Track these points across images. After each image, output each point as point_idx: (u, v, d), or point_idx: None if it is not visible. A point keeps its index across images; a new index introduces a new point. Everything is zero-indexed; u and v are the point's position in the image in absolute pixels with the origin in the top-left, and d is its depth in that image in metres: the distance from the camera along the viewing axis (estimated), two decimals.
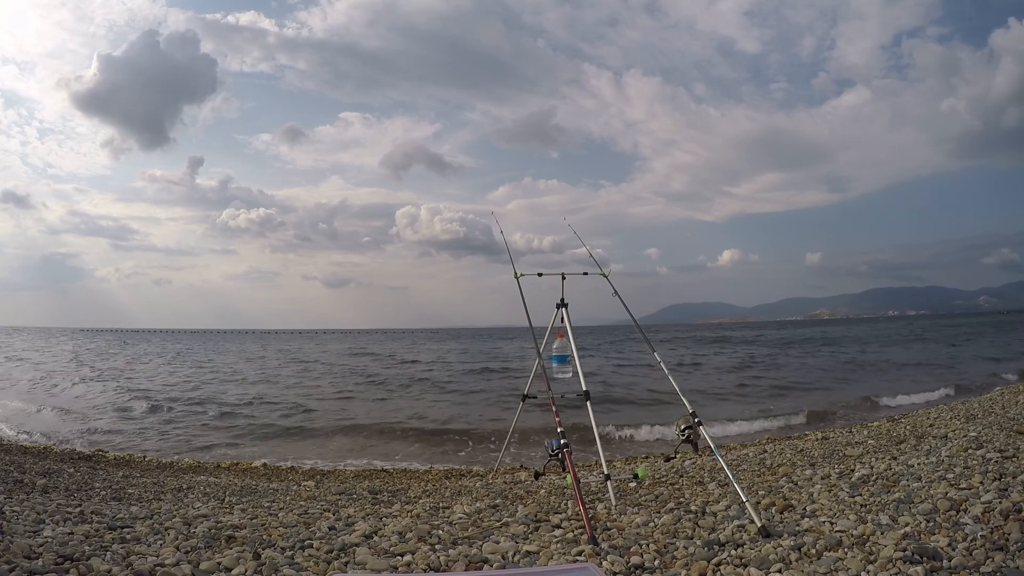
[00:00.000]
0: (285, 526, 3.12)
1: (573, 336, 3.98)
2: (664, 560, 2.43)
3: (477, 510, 3.50)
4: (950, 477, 3.17)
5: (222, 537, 2.81)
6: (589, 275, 4.21)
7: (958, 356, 20.42)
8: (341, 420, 10.21)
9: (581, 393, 3.78)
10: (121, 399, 12.78)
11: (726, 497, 3.39)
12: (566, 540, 2.75)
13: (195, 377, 18.09)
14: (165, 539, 2.74)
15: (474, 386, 15.31)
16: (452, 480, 5.48)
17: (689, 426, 3.48)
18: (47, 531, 2.74)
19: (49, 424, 9.85)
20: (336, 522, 3.23)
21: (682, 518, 3.03)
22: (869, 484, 3.33)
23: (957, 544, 2.24)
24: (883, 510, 2.78)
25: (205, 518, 3.28)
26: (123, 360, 25.64)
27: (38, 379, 17.13)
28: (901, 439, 4.97)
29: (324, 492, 4.61)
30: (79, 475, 5.06)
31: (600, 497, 3.66)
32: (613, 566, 2.36)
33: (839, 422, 8.73)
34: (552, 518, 3.17)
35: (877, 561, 2.18)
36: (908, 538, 2.34)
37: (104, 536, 2.74)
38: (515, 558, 2.57)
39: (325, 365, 23.50)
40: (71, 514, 3.21)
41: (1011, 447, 3.67)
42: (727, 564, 2.32)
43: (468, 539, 2.83)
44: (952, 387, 11.90)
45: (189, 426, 9.87)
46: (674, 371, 3.77)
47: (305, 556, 2.56)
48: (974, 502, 2.63)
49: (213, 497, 4.29)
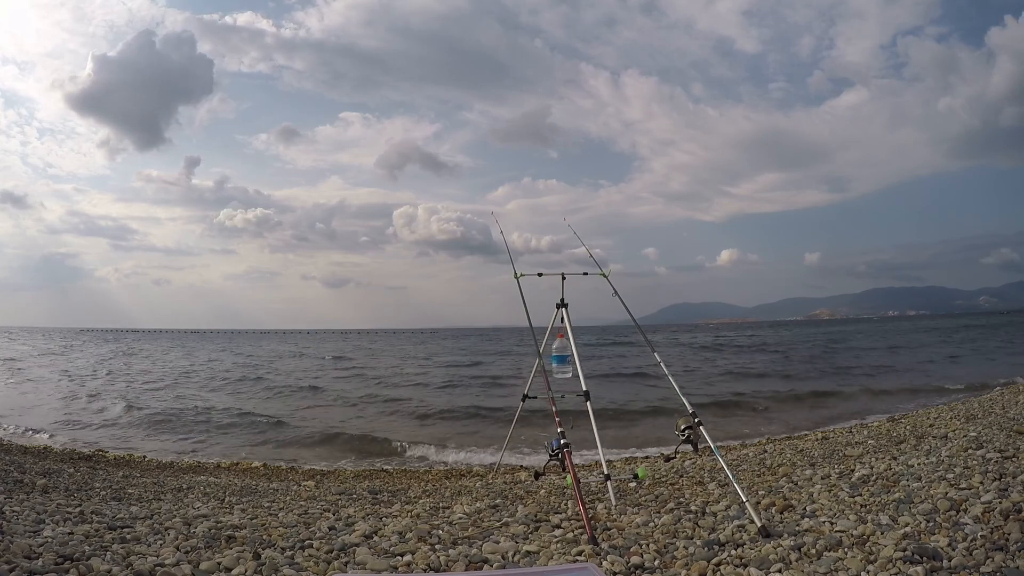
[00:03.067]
0: (285, 526, 3.12)
1: (573, 336, 3.98)
2: (664, 560, 2.43)
3: (477, 510, 3.50)
4: (950, 477, 3.17)
5: (222, 537, 2.81)
6: (589, 275, 4.21)
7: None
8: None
9: (581, 393, 3.78)
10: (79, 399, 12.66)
11: (726, 497, 3.39)
12: (566, 540, 2.75)
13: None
14: (165, 539, 2.74)
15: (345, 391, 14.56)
16: (452, 480, 5.48)
17: (689, 426, 3.48)
18: (47, 531, 2.74)
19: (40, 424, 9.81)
20: (336, 522, 3.23)
21: (682, 518, 3.03)
22: (869, 484, 3.32)
23: (957, 544, 2.24)
24: (883, 510, 2.78)
25: (205, 518, 3.28)
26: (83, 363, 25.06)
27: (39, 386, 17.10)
28: (901, 439, 4.97)
29: (324, 492, 4.61)
30: (79, 475, 5.06)
31: (600, 497, 3.66)
32: (613, 566, 2.36)
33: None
34: (552, 518, 3.17)
35: (877, 561, 2.19)
36: (908, 538, 2.34)
37: (104, 536, 2.74)
38: (515, 558, 2.57)
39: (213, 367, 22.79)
40: (71, 514, 3.21)
41: (1011, 447, 3.67)
42: (727, 564, 2.32)
43: (468, 539, 2.83)
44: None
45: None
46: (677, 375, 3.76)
47: (305, 556, 2.56)
48: (974, 502, 2.63)
49: (213, 497, 4.29)
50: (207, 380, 17.52)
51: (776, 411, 10.06)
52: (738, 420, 9.42)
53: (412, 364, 23.55)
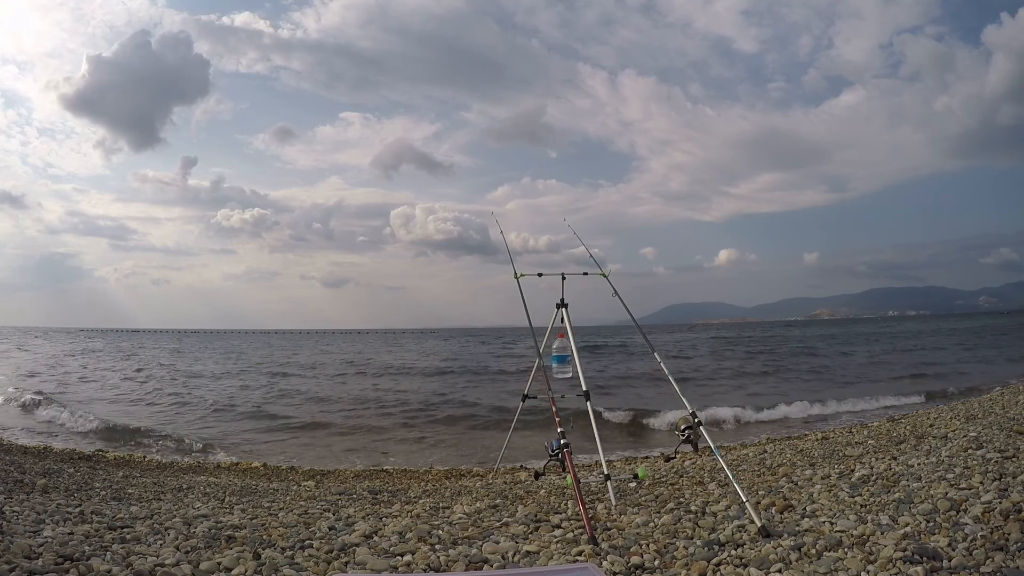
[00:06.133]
0: (285, 526, 3.12)
1: (573, 336, 3.98)
2: (664, 560, 2.43)
3: (477, 510, 3.50)
4: (950, 477, 3.17)
5: (222, 537, 2.80)
6: (589, 275, 4.21)
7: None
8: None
9: (581, 393, 3.79)
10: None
11: (726, 497, 3.39)
12: (566, 540, 2.75)
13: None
14: (165, 539, 2.74)
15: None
16: (452, 480, 5.48)
17: (689, 426, 3.48)
18: (47, 531, 2.73)
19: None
20: (336, 522, 3.23)
21: (682, 518, 3.03)
22: (869, 484, 3.32)
23: (957, 544, 2.24)
24: (883, 510, 2.78)
25: (205, 518, 3.28)
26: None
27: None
28: (901, 439, 4.97)
29: (324, 492, 4.61)
30: (79, 475, 5.05)
31: (600, 497, 3.66)
32: (613, 566, 2.36)
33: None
34: (552, 518, 3.17)
35: (877, 561, 2.18)
36: (908, 538, 2.34)
37: (104, 536, 2.73)
38: (515, 558, 2.57)
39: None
40: (71, 514, 3.21)
41: (1011, 447, 3.66)
42: (727, 564, 2.32)
43: (468, 539, 2.83)
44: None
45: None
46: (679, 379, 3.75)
47: (305, 556, 2.56)
48: (974, 502, 2.63)
49: (213, 497, 4.28)
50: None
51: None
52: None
53: (420, 363, 23.30)
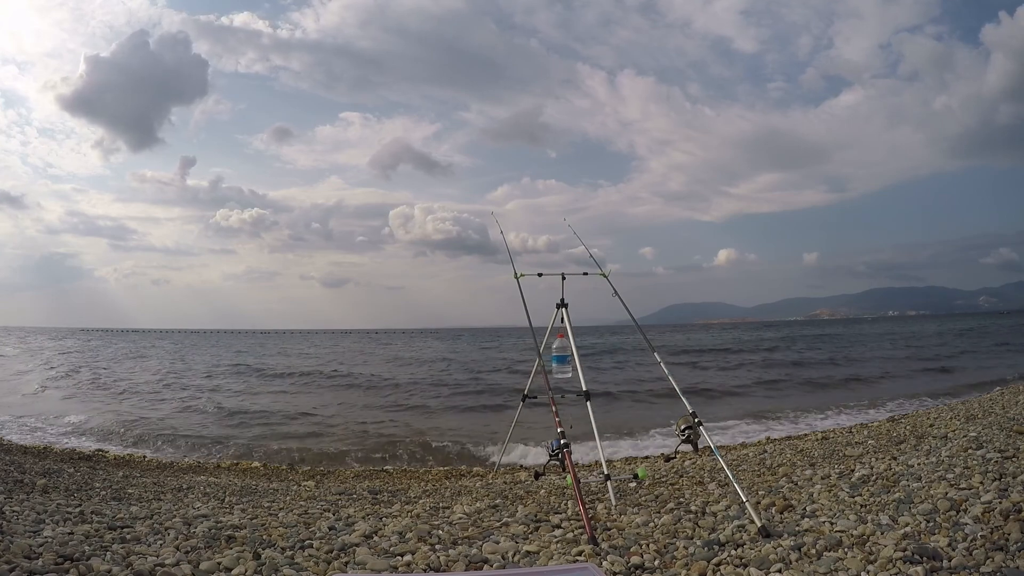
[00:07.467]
0: (285, 526, 3.12)
1: (573, 336, 3.98)
2: (664, 560, 2.43)
3: (477, 510, 3.50)
4: (950, 477, 3.17)
5: (222, 537, 2.80)
6: (589, 275, 4.21)
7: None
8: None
9: (581, 393, 3.79)
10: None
11: (726, 497, 3.39)
12: (566, 540, 2.75)
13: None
14: (165, 539, 2.74)
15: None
16: (452, 480, 5.48)
17: (689, 426, 3.48)
18: (47, 531, 2.73)
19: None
20: (336, 522, 3.23)
21: (682, 518, 3.03)
22: (869, 484, 3.32)
23: (957, 544, 2.24)
24: (883, 510, 2.78)
25: (205, 518, 3.28)
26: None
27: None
28: (901, 439, 4.97)
29: (324, 492, 4.61)
30: (79, 475, 5.05)
31: (600, 497, 3.66)
32: (613, 566, 2.36)
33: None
34: (552, 518, 3.17)
35: (877, 561, 2.18)
36: (908, 538, 2.34)
37: (104, 536, 2.73)
38: (515, 558, 2.57)
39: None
40: (71, 514, 3.21)
41: (1011, 447, 3.66)
42: (727, 564, 2.32)
43: (468, 539, 2.83)
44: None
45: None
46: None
47: (305, 556, 2.56)
48: (974, 502, 2.63)
49: (213, 497, 4.29)
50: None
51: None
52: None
53: (426, 364, 23.17)
